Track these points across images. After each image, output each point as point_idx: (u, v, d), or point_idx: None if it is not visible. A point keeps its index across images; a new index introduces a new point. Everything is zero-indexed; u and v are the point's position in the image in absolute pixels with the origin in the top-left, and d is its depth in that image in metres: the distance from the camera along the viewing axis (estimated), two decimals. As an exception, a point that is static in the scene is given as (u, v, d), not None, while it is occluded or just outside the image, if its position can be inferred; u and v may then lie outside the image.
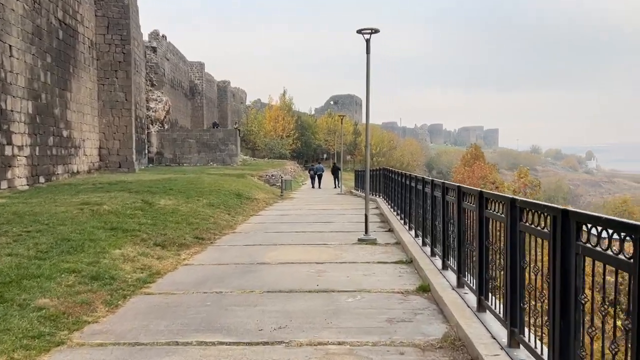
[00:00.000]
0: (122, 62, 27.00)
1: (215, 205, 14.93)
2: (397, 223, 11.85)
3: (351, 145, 70.89)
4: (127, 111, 27.14)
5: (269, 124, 60.91)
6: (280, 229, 12.23)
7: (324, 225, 12.90)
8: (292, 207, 18.29)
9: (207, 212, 13.49)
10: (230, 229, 12.07)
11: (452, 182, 17.92)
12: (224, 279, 7.09)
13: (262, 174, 29.57)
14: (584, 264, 2.98)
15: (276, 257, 8.54)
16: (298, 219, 14.40)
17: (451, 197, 6.45)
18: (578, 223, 3.02)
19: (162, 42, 48.70)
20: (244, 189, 20.56)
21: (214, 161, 40.49)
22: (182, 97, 57.33)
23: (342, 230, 11.87)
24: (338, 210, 16.73)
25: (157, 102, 42.60)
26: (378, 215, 14.74)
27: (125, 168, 26.95)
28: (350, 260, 8.28)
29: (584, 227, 2.98)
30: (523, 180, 26.04)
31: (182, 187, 18.33)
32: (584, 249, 2.95)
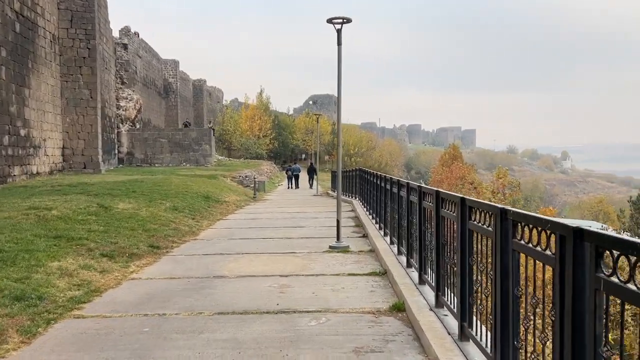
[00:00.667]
0: (87, 58, 25.72)
1: (179, 209, 13.97)
2: (372, 228, 11.08)
3: (329, 145, 70.15)
4: (92, 109, 25.86)
5: (245, 124, 59.78)
6: (247, 234, 11.35)
7: (294, 230, 12.06)
8: (263, 210, 17.41)
9: (169, 217, 12.53)
10: (191, 236, 11.14)
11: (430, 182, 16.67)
12: (172, 297, 6.20)
13: (235, 175, 28.59)
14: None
15: (236, 269, 7.67)
16: (268, 223, 13.54)
17: (428, 203, 5.68)
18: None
19: (133, 39, 47.23)
20: (214, 191, 19.60)
21: (187, 161, 39.33)
22: (156, 96, 55.85)
23: (313, 236, 11.04)
24: (311, 213, 15.92)
25: (127, 101, 41.22)
26: (353, 219, 13.97)
27: (90, 169, 25.68)
28: (319, 271, 7.46)
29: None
30: (502, 180, 25.62)
31: (146, 189, 17.31)
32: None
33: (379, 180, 11.24)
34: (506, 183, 25.70)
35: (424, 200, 5.94)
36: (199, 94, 73.33)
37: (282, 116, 73.90)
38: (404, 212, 7.36)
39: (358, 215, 14.12)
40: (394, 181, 8.75)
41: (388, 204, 9.41)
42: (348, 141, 66.78)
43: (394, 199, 8.52)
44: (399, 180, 8.53)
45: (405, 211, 7.21)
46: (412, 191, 6.84)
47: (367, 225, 11.59)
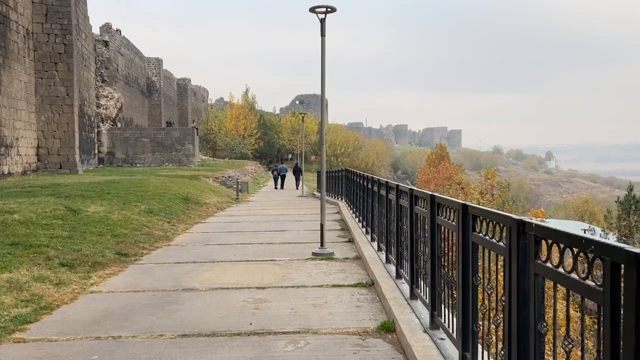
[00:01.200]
0: (63, 54, 24.73)
1: (155, 212, 13.19)
2: (358, 232, 10.43)
3: (316, 146, 69.50)
4: (68, 107, 24.87)
5: (230, 123, 58.82)
6: (225, 240, 10.62)
7: (276, 234, 11.35)
8: (245, 213, 16.67)
9: (142, 221, 11.75)
10: (165, 241, 10.39)
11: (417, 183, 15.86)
12: (132, 314, 5.47)
13: (218, 176, 27.77)
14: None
15: (209, 280, 6.95)
16: (249, 226, 12.82)
17: (421, 209, 5.03)
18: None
19: (115, 36, 46.09)
20: (194, 193, 18.80)
21: (170, 161, 38.40)
22: (138, 95, 54.70)
23: (296, 241, 10.35)
24: (295, 216, 15.22)
25: (108, 99, 40.13)
26: (338, 222, 13.31)
27: (67, 169, 24.70)
28: (300, 282, 6.78)
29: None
30: (490, 181, 25.17)
31: (122, 191, 16.49)
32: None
33: (366, 182, 10.59)
34: (494, 183, 25.30)
35: (416, 205, 5.29)
36: (184, 93, 72.18)
37: (268, 115, 73.00)
38: (393, 217, 6.71)
39: (344, 218, 13.47)
40: (381, 183, 8.09)
41: (375, 207, 8.76)
42: (335, 141, 66.16)
43: (382, 202, 7.87)
44: (387, 182, 7.89)
45: (395, 216, 6.56)
46: (402, 194, 6.19)
47: (353, 229, 10.93)
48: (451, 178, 38.95)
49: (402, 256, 6.18)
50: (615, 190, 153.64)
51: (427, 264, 4.71)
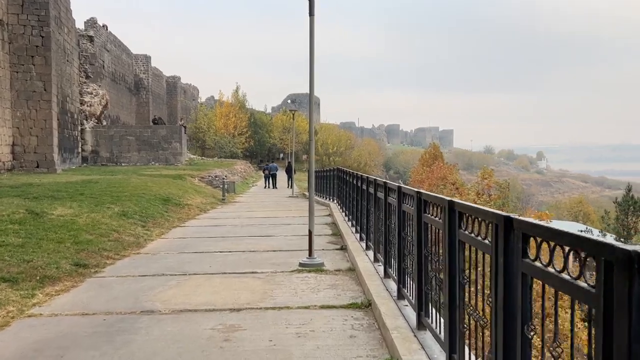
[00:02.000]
0: (40, 47, 23.46)
1: (129, 215, 12.05)
2: (351, 238, 9.36)
3: (307, 144, 68.50)
4: (46, 103, 23.61)
5: (220, 121, 57.54)
6: (203, 247, 9.51)
7: (261, 240, 10.25)
8: (230, 215, 15.56)
9: (113, 225, 10.61)
10: (135, 249, 9.26)
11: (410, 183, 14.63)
12: (69, 350, 4.35)
13: (204, 175, 26.60)
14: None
15: (175, 299, 5.86)
16: (231, 231, 11.71)
17: (433, 218, 3.97)
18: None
19: (100, 32, 44.74)
20: (176, 193, 17.65)
21: (156, 160, 37.18)
22: (126, 92, 53.34)
23: (282, 248, 9.27)
24: (283, 219, 14.12)
25: (92, 96, 38.80)
26: (330, 226, 12.24)
27: (44, 168, 23.46)
28: (283, 302, 5.70)
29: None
30: (487, 181, 24.23)
31: (98, 191, 15.34)
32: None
33: (359, 182, 9.54)
34: (491, 183, 24.36)
35: (426, 213, 4.22)
36: (173, 91, 70.83)
37: (259, 114, 71.80)
38: (394, 225, 5.65)
39: (336, 221, 12.41)
40: (379, 184, 7.02)
41: (372, 211, 7.70)
42: (327, 140, 65.12)
43: (379, 206, 6.81)
44: (385, 183, 6.83)
45: (396, 224, 5.49)
46: (405, 198, 5.13)
47: (346, 235, 9.87)
48: (445, 178, 38.03)
49: (404, 272, 5.12)
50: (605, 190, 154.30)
51: (444, 289, 3.64)
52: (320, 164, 65.01)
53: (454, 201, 3.41)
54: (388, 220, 6.06)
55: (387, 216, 6.10)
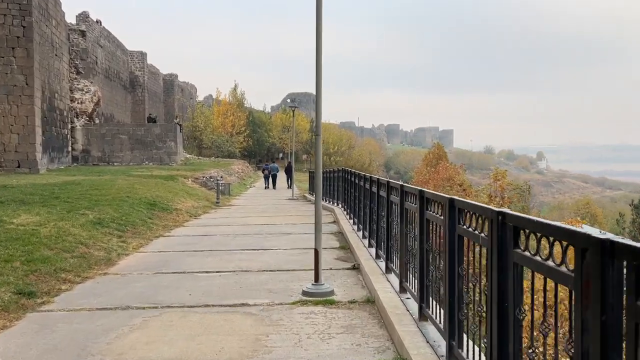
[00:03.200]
0: (21, 38, 21.85)
1: (105, 223, 10.45)
2: (364, 254, 7.77)
3: (307, 144, 66.76)
4: (28, 98, 22.00)
5: (217, 120, 55.88)
6: (186, 264, 7.91)
7: (255, 255, 8.64)
8: (223, 221, 13.95)
9: (82, 236, 9.01)
10: (103, 267, 7.66)
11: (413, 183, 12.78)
12: None
13: (198, 176, 24.97)
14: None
15: (132, 353, 4.25)
16: (222, 242, 10.10)
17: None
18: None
19: (93, 26, 43.09)
20: (164, 196, 16.05)
21: (150, 160, 35.60)
22: (120, 90, 51.72)
23: (282, 267, 7.66)
24: (282, 227, 12.50)
25: (83, 93, 37.20)
26: (336, 236, 10.63)
27: (26, 168, 21.86)
28: (281, 358, 4.10)
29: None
30: (500, 183, 22.67)
31: (76, 194, 13.76)
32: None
33: (374, 186, 7.97)
34: (505, 185, 22.80)
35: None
36: (170, 89, 69.26)
37: (258, 113, 70.14)
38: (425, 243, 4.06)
39: (343, 231, 10.81)
40: (405, 191, 5.40)
41: (394, 220, 6.12)
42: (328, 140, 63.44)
43: (405, 216, 5.22)
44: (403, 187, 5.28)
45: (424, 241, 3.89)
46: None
47: (357, 249, 8.27)
48: (452, 179, 36.47)
49: (457, 312, 3.50)
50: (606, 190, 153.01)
51: None
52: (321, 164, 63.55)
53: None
54: (425, 236, 4.45)
55: (424, 232, 4.49)
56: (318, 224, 6.13)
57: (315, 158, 6.00)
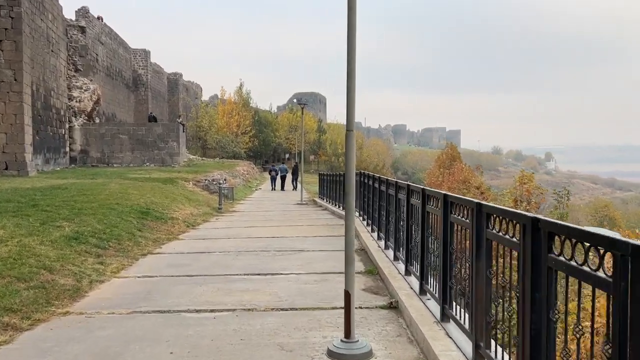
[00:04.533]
0: (9, 30, 20.26)
1: (82, 238, 8.76)
2: (401, 283, 6.03)
3: (315, 145, 65.01)
4: (16, 95, 20.40)
5: (222, 119, 54.21)
6: (172, 298, 6.18)
7: (261, 283, 6.89)
8: (224, 233, 12.22)
9: (49, 257, 7.32)
10: (66, 302, 5.95)
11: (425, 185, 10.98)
12: None
13: (200, 179, 23.27)
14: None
15: None
16: (221, 263, 8.36)
17: None
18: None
19: (94, 23, 41.52)
20: (161, 203, 14.37)
21: (151, 161, 34.01)
22: (123, 88, 50.19)
23: (295, 303, 5.92)
24: (293, 240, 10.73)
25: (82, 91, 35.65)
26: (359, 254, 8.86)
27: (14, 170, 20.26)
28: None
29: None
30: (527, 186, 20.92)
31: (59, 201, 12.11)
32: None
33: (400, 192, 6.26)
34: (531, 189, 21.03)
35: None
36: (175, 88, 67.75)
37: (264, 113, 68.43)
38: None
39: (365, 247, 9.05)
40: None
41: (450, 247, 4.41)
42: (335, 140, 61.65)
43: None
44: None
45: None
46: None
47: (389, 275, 6.53)
48: (468, 181, 34.63)
49: None
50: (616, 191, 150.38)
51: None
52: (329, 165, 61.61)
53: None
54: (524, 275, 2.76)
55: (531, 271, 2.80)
56: (349, 256, 4.38)
57: (346, 161, 4.26)
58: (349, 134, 4.27)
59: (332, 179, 19.95)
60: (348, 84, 4.27)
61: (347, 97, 4.28)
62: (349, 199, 4.30)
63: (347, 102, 4.27)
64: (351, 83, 4.27)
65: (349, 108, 4.25)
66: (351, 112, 4.24)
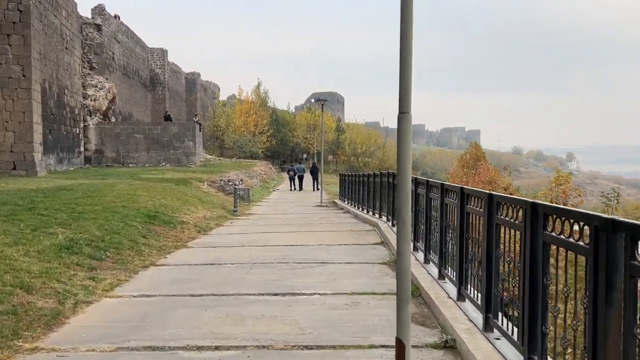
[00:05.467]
0: (17, 23, 19.43)
1: (76, 247, 7.67)
2: (455, 313, 4.78)
3: (333, 144, 63.71)
4: (25, 92, 19.57)
5: (239, 119, 53.26)
6: (169, 329, 4.99)
7: (279, 308, 5.66)
8: (238, 239, 11.05)
9: (32, 271, 6.22)
10: (40, 332, 4.80)
11: None
12: None
13: (215, 179, 22.19)
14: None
15: None
16: (232, 278, 7.16)
17: None
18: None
19: (110, 21, 40.91)
20: (171, 205, 13.29)
21: (167, 161, 33.15)
22: (140, 88, 49.61)
23: (322, 339, 4.66)
24: (314, 249, 9.49)
25: (97, 89, 34.97)
26: (392, 268, 7.61)
27: (22, 170, 19.43)
28: None
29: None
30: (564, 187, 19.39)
31: (59, 204, 11.10)
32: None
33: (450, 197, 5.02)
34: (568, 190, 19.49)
35: None
36: (192, 88, 67.16)
37: (282, 112, 67.38)
38: None
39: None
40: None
41: (545, 269, 3.18)
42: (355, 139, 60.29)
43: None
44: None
45: None
46: None
47: (436, 300, 5.28)
48: (494, 182, 33.09)
49: None
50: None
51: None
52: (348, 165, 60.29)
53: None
54: None
55: None
56: (403, 294, 3.14)
57: (398, 155, 3.03)
58: (403, 117, 3.02)
59: (354, 180, 18.73)
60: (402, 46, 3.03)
61: (400, 65, 3.05)
62: (402, 211, 3.06)
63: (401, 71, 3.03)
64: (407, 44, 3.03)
65: (404, 79, 3.00)
66: (407, 85, 3.00)
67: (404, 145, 3.04)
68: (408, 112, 3.03)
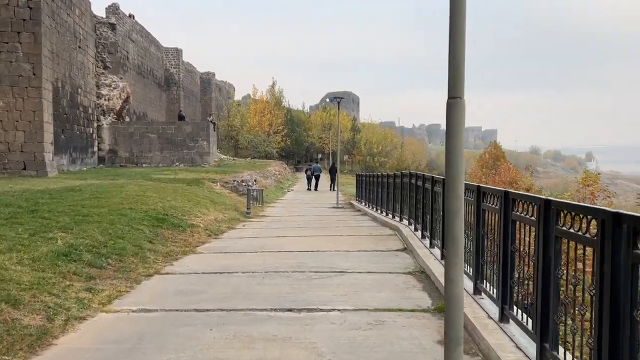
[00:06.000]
0: (27, 21, 19.06)
1: (75, 254, 7.10)
2: (500, 338, 4.08)
3: (349, 144, 62.96)
4: (35, 90, 19.20)
5: (254, 119, 52.78)
6: (165, 357, 4.36)
7: (293, 328, 4.97)
8: (250, 244, 10.42)
9: (22, 282, 5.65)
10: (20, 356, 4.22)
11: None
12: None
13: (228, 180, 21.63)
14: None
15: None
16: (242, 289, 6.51)
17: None
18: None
19: (124, 20, 40.70)
20: (181, 207, 12.72)
21: (181, 161, 32.78)
22: (154, 87, 49.42)
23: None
24: (332, 256, 8.80)
25: (111, 89, 34.74)
26: (417, 279, 6.88)
27: (32, 170, 19.07)
28: None
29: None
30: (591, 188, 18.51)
31: (64, 206, 10.59)
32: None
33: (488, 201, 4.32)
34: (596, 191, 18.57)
35: None
36: (207, 87, 67.03)
37: (297, 112, 66.79)
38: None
39: (427, 269, 7.07)
40: None
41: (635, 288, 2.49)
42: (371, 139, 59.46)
43: None
44: None
45: None
46: None
47: (474, 321, 4.58)
48: (515, 182, 32.08)
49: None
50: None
51: None
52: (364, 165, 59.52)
53: None
54: None
55: None
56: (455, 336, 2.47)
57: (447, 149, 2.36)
58: (454, 102, 2.34)
59: (372, 180, 18.02)
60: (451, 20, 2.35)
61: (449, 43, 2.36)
62: (454, 224, 2.41)
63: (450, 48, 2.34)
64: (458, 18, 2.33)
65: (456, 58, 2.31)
66: (459, 64, 2.31)
67: (455, 138, 2.36)
68: (461, 97, 2.34)
